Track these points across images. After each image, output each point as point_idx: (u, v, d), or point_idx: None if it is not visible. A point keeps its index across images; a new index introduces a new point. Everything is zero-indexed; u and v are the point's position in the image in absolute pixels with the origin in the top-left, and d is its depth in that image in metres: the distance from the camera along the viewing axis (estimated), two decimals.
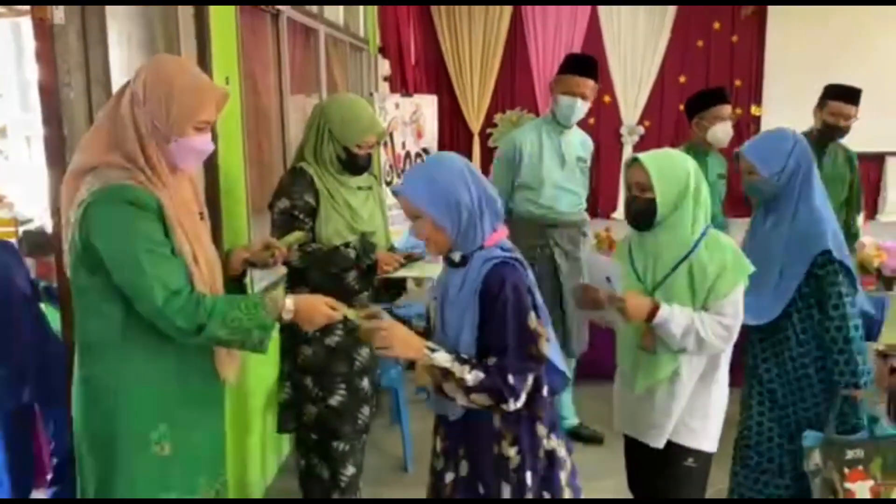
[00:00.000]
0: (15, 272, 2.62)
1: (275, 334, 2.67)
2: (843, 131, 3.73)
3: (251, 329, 1.70)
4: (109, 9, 2.10)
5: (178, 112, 1.68)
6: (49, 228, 2.61)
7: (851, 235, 4.03)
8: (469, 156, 7.82)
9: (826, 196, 2.48)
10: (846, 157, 3.89)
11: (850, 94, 3.67)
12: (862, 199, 4.10)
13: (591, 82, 3.31)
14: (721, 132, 3.55)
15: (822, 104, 3.73)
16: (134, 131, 1.66)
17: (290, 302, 1.78)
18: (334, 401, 2.56)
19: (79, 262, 1.68)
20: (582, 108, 3.32)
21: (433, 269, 2.70)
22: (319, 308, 1.82)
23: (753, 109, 7.69)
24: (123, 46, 2.26)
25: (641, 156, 2.10)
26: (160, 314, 1.63)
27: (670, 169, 2.06)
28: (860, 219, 4.15)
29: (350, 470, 2.67)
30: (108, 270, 1.64)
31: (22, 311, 2.58)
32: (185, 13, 2.52)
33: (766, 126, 7.52)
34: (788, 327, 2.44)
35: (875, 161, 7.56)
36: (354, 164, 2.54)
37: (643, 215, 2.09)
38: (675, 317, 2.02)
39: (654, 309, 2.02)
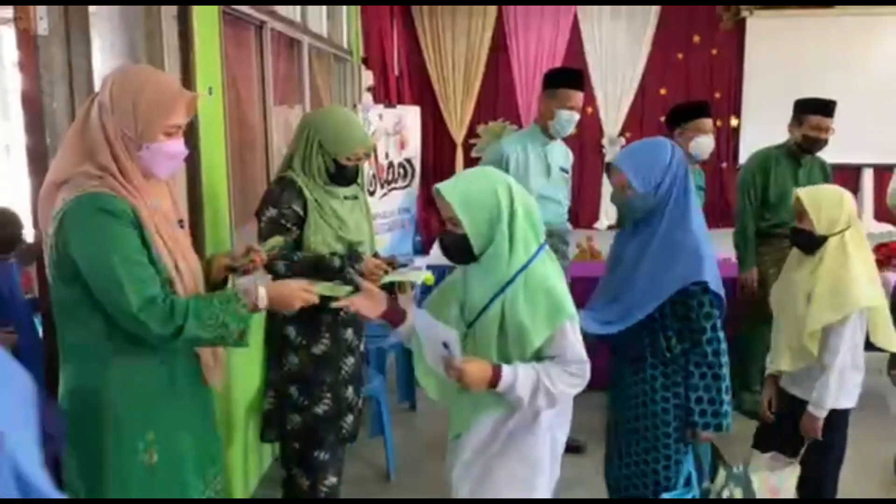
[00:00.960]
0: (15, 280, 2.66)
1: (260, 343, 2.69)
2: (824, 143, 3.81)
3: (228, 322, 1.69)
4: (93, 19, 2.10)
5: (147, 118, 1.67)
6: (30, 238, 2.61)
7: None
8: (452, 166, 7.85)
9: (702, 214, 2.28)
10: (821, 169, 3.96)
11: (828, 108, 3.75)
12: None
13: (582, 94, 3.40)
14: (703, 144, 3.60)
15: (800, 119, 3.80)
16: (104, 141, 1.66)
17: (262, 291, 1.79)
18: (319, 409, 2.57)
19: (57, 274, 1.68)
20: (576, 120, 3.39)
21: (417, 274, 2.72)
22: (294, 292, 1.85)
23: (732, 121, 7.78)
24: (107, 57, 2.26)
25: (443, 186, 1.80)
26: (137, 322, 1.62)
27: (476, 197, 1.79)
28: None
29: (331, 480, 2.68)
30: (85, 280, 1.64)
31: (22, 317, 2.65)
32: (169, 23, 2.53)
33: (745, 137, 7.62)
34: (654, 359, 2.21)
35: (851, 173, 7.68)
36: (343, 175, 2.56)
37: (457, 252, 1.84)
38: (520, 379, 1.75)
39: (497, 375, 1.75)
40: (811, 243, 2.43)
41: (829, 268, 2.38)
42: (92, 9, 2.12)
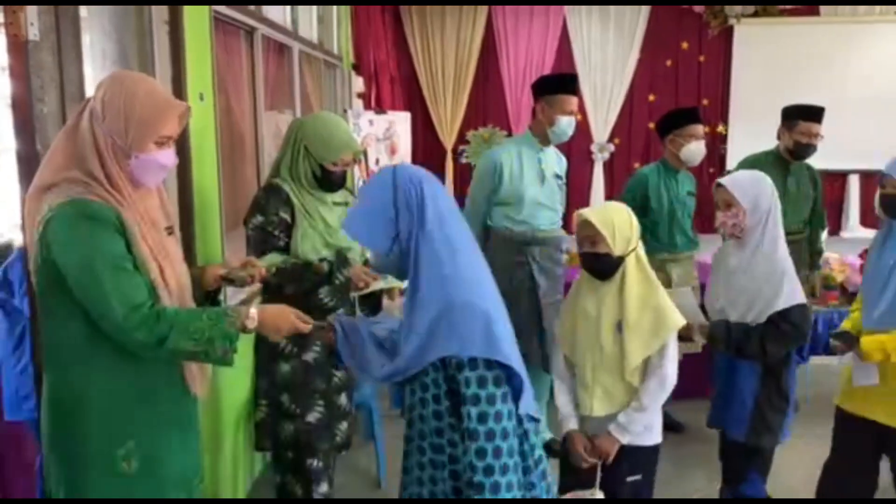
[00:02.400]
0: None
1: (249, 351, 2.68)
2: (814, 150, 3.84)
3: (214, 339, 1.67)
4: (84, 25, 2.10)
5: (138, 128, 1.67)
6: (20, 243, 2.59)
7: (816, 252, 4.14)
8: (443, 172, 7.86)
9: (479, 258, 1.71)
10: (810, 176, 3.99)
11: (817, 113, 3.79)
12: (825, 216, 4.21)
13: (576, 98, 3.44)
14: (695, 151, 3.63)
15: (790, 125, 3.82)
16: (93, 148, 1.65)
17: (254, 311, 1.76)
18: (312, 417, 2.56)
19: (42, 279, 1.67)
20: (574, 124, 3.44)
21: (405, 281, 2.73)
22: (286, 316, 1.83)
23: (720, 128, 7.84)
24: (98, 62, 2.26)
25: None
26: (120, 329, 1.61)
27: None
28: (824, 235, 4.25)
29: (324, 487, 2.67)
30: (70, 286, 1.63)
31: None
32: (160, 29, 2.52)
33: (732, 143, 7.66)
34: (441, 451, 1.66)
35: (838, 178, 7.75)
36: (329, 181, 2.56)
37: None
38: None
39: None
40: (610, 267, 2.18)
41: (637, 292, 2.16)
42: (83, 14, 2.11)
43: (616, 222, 2.18)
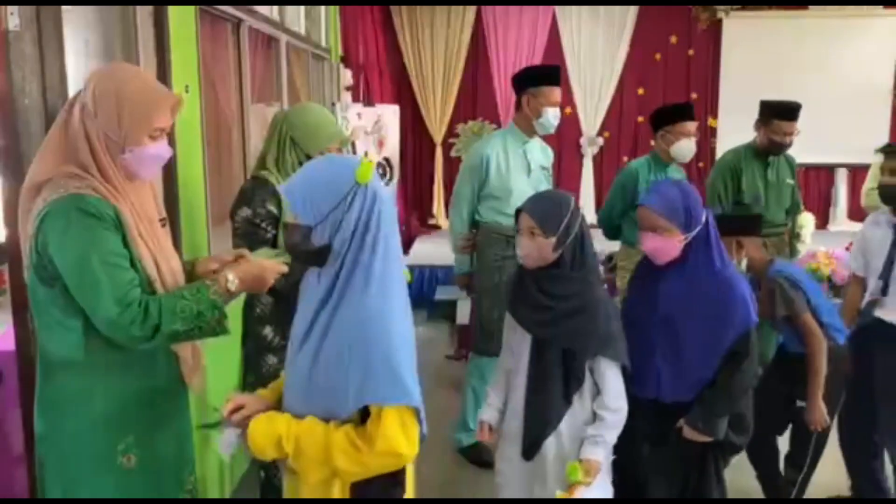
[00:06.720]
0: None
1: (236, 346, 2.66)
2: (788, 146, 3.88)
3: (203, 311, 1.68)
4: (66, 15, 2.07)
5: (131, 122, 1.65)
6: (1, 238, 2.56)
7: (795, 235, 4.18)
8: (432, 166, 7.85)
9: None
10: (788, 165, 4.03)
11: (791, 112, 3.80)
12: (801, 203, 4.23)
13: (560, 90, 3.43)
14: (685, 148, 3.62)
15: (766, 122, 3.83)
16: (86, 144, 1.63)
17: (231, 274, 1.77)
18: None
19: (37, 276, 1.65)
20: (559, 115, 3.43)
21: None
22: (264, 268, 1.84)
23: (710, 121, 7.85)
24: (80, 54, 2.23)
25: None
26: (115, 326, 1.61)
27: None
28: (806, 218, 4.26)
29: None
30: (64, 282, 1.61)
31: None
32: (145, 20, 2.49)
33: (721, 137, 7.68)
34: None
35: (825, 172, 7.79)
36: None
37: None
38: None
39: None
40: None
41: None
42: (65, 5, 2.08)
43: None
